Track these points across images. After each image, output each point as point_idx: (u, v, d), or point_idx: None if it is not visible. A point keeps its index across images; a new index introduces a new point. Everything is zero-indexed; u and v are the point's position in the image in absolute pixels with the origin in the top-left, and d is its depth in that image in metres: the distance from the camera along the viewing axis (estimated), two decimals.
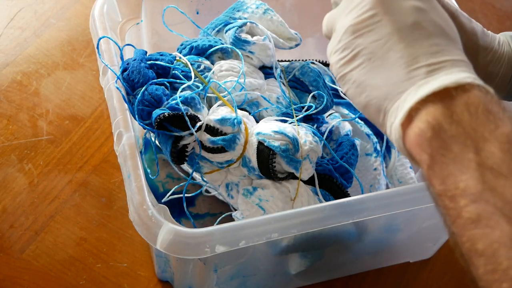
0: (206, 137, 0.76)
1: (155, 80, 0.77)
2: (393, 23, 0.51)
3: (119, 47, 0.82)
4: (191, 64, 0.80)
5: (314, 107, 0.83)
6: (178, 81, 0.79)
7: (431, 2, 0.53)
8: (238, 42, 0.84)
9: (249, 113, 0.81)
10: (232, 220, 0.87)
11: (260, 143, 0.75)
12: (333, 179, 0.80)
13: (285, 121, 0.80)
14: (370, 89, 0.52)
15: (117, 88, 0.78)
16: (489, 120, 0.44)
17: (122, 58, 0.82)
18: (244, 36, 0.84)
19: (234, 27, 0.85)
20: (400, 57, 0.50)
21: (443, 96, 0.47)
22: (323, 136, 0.82)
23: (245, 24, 0.85)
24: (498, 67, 0.64)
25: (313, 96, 0.85)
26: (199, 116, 0.76)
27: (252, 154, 0.76)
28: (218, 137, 0.75)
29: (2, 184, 1.04)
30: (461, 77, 0.48)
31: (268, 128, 0.76)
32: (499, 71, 0.64)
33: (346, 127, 0.87)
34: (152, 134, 0.80)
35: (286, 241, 0.79)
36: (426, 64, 0.50)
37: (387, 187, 0.96)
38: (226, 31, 0.86)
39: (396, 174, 0.99)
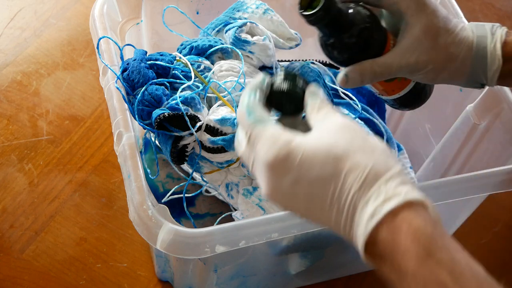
0: (206, 137, 0.76)
1: (155, 80, 0.77)
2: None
3: (119, 47, 0.82)
4: (191, 64, 0.80)
5: None
6: (178, 81, 0.79)
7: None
8: (238, 42, 0.84)
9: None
10: (232, 220, 0.87)
11: None
12: None
13: None
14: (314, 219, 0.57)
15: (117, 88, 0.78)
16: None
17: (122, 58, 0.82)
18: (244, 36, 0.84)
19: (234, 27, 0.85)
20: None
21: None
22: None
23: (245, 24, 0.85)
24: (458, 50, 0.70)
25: None
26: (199, 116, 0.76)
27: None
28: (218, 137, 0.75)
29: (2, 184, 1.04)
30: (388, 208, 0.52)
31: None
32: (459, 53, 0.70)
33: None
34: (152, 134, 0.80)
35: (286, 241, 0.79)
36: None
37: None
38: (226, 31, 0.86)
39: None
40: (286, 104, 0.62)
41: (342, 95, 0.94)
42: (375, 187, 0.52)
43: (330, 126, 0.56)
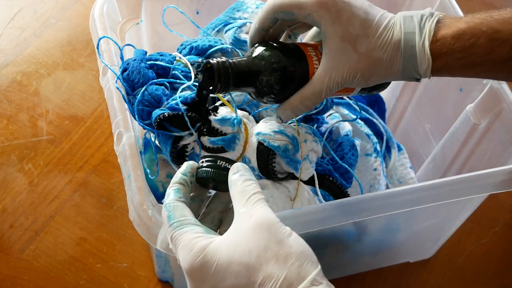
0: (206, 137, 0.76)
1: (155, 80, 0.77)
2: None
3: (119, 47, 0.82)
4: (191, 64, 0.80)
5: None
6: (178, 81, 0.79)
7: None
8: (238, 42, 0.84)
9: (249, 113, 0.81)
10: None
11: (260, 143, 0.75)
12: (333, 179, 0.80)
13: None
14: None
15: (117, 88, 0.78)
16: None
17: (122, 58, 0.82)
18: (243, 36, 0.84)
19: (233, 27, 0.85)
20: None
21: None
22: (323, 137, 0.82)
23: (244, 24, 0.85)
24: (382, 53, 0.67)
25: None
26: (198, 116, 0.76)
27: (252, 154, 0.76)
28: (218, 137, 0.75)
29: (2, 184, 1.04)
30: None
31: (268, 128, 0.76)
32: (385, 56, 0.67)
33: (346, 127, 0.87)
34: (152, 134, 0.80)
35: None
36: None
37: (387, 187, 0.96)
38: (226, 31, 0.86)
39: (396, 174, 1.00)
40: (215, 187, 0.65)
41: None
42: None
43: (246, 226, 0.56)
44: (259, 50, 0.70)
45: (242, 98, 0.83)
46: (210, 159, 0.64)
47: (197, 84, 0.78)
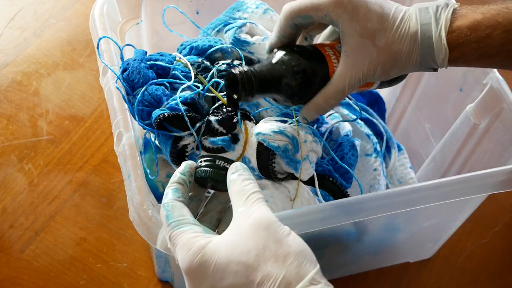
0: (206, 137, 0.76)
1: (155, 80, 0.77)
2: None
3: (119, 47, 0.82)
4: (191, 64, 0.80)
5: None
6: (178, 81, 0.79)
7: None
8: (238, 42, 0.83)
9: (249, 113, 0.81)
10: None
11: (260, 144, 0.75)
12: (332, 180, 0.80)
13: (285, 122, 0.80)
14: None
15: (117, 88, 0.78)
16: None
17: (122, 58, 0.81)
18: (243, 36, 0.84)
19: (233, 27, 0.85)
20: None
21: None
22: (323, 137, 0.82)
23: (244, 24, 0.85)
24: (401, 46, 0.68)
25: None
26: (198, 116, 0.76)
27: (251, 155, 0.76)
28: (218, 137, 0.75)
29: (2, 184, 1.04)
30: None
31: (268, 129, 0.76)
32: (403, 49, 0.68)
33: (346, 127, 0.87)
34: (152, 134, 0.80)
35: None
36: None
37: (387, 188, 0.96)
38: (226, 31, 0.86)
39: (396, 174, 1.00)
40: (214, 187, 0.65)
41: None
42: None
43: (244, 225, 0.56)
44: (278, 55, 0.71)
45: None
46: (208, 158, 0.64)
47: (196, 84, 0.78)
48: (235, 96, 0.70)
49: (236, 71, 0.69)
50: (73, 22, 1.25)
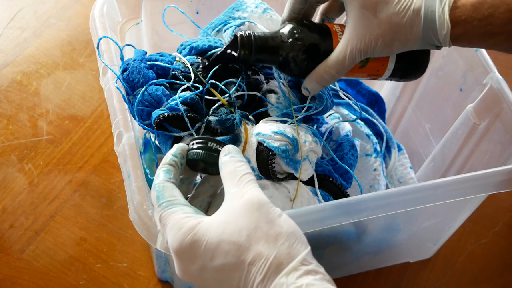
0: None
1: (155, 81, 0.77)
2: None
3: (119, 47, 0.82)
4: (191, 64, 0.80)
5: (314, 107, 0.82)
6: (178, 81, 0.79)
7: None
8: None
9: (249, 114, 0.81)
10: None
11: (259, 144, 0.75)
12: (332, 180, 0.80)
13: (285, 122, 0.80)
14: None
15: (117, 88, 0.78)
16: None
17: (122, 58, 0.82)
18: None
19: (232, 26, 0.85)
20: None
21: None
22: (323, 137, 0.82)
23: (243, 23, 0.85)
24: (402, 18, 0.69)
25: (313, 97, 0.84)
26: (198, 116, 0.76)
27: (251, 155, 0.76)
28: (217, 137, 0.75)
29: (2, 184, 1.04)
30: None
31: (268, 129, 0.76)
32: (404, 21, 0.69)
33: (346, 127, 0.87)
34: (152, 134, 0.80)
35: None
36: None
37: (387, 188, 0.96)
38: (225, 30, 0.86)
39: (396, 174, 1.00)
40: (205, 169, 0.65)
41: (342, 96, 0.94)
42: (276, 280, 0.53)
43: (236, 206, 0.56)
44: (284, 25, 0.75)
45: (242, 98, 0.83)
46: (201, 141, 0.64)
47: (196, 84, 0.78)
48: (233, 53, 0.74)
49: (239, 33, 0.73)
50: (73, 22, 1.25)
